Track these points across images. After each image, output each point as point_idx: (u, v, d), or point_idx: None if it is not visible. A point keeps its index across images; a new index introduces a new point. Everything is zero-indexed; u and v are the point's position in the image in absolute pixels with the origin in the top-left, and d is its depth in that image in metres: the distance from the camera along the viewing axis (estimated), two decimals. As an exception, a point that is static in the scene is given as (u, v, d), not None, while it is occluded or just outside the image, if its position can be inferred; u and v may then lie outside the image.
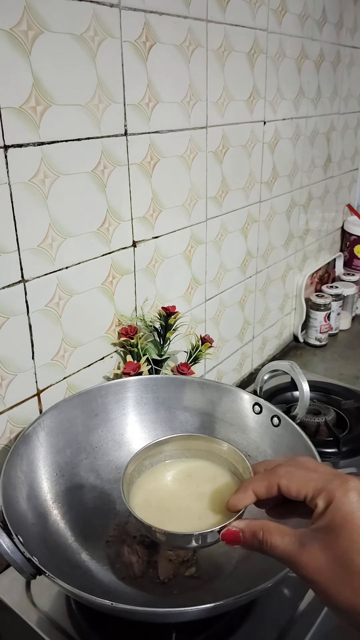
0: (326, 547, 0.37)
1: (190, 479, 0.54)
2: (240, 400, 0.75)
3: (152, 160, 0.81)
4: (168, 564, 0.63)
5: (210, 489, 0.52)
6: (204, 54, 0.86)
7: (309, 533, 0.39)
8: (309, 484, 0.41)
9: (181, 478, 0.54)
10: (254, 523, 0.42)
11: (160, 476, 0.55)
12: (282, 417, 0.71)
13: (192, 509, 0.50)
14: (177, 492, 0.53)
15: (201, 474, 0.54)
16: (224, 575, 0.62)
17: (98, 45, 0.68)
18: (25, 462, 0.63)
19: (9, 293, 0.65)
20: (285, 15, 1.06)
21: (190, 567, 0.63)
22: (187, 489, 0.53)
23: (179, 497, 0.52)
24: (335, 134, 1.44)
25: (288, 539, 0.39)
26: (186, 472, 0.55)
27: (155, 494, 0.52)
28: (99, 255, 0.76)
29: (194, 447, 0.56)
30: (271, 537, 0.40)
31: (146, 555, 0.64)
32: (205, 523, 0.48)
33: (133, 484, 0.53)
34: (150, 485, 0.53)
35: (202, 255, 1.00)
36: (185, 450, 0.56)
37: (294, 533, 0.40)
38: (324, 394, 1.08)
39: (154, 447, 0.55)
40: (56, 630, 0.60)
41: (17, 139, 0.61)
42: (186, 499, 0.51)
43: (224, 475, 0.53)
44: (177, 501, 0.51)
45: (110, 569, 0.62)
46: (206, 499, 0.50)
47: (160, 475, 0.55)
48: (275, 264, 1.29)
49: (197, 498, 0.51)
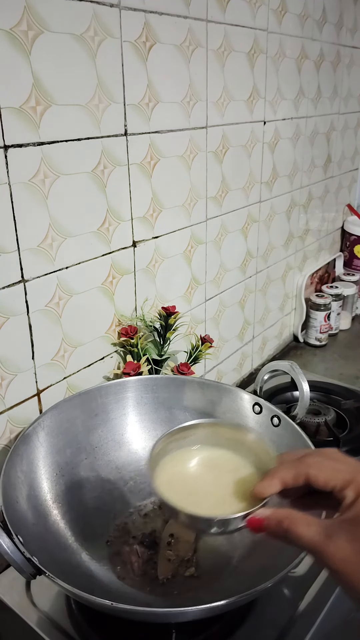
0: (353, 539, 0.37)
1: (214, 466, 0.54)
2: (240, 400, 0.75)
3: (152, 160, 0.81)
4: (168, 564, 0.63)
5: (233, 477, 0.52)
6: (204, 54, 0.86)
7: (336, 524, 0.39)
8: (337, 474, 0.41)
9: (205, 464, 0.54)
10: (280, 512, 0.42)
11: (184, 461, 0.54)
12: (282, 417, 0.71)
13: (216, 495, 0.50)
14: (201, 477, 0.53)
15: (225, 463, 0.54)
16: (224, 575, 0.62)
17: (98, 45, 0.68)
18: (25, 462, 0.63)
19: (9, 293, 0.65)
20: (285, 15, 1.06)
21: (190, 567, 0.63)
22: (211, 475, 0.53)
23: (203, 483, 0.52)
24: (335, 134, 1.44)
25: (314, 529, 0.39)
26: (210, 460, 0.55)
27: (179, 478, 0.52)
28: (99, 255, 0.76)
29: (219, 435, 0.56)
30: (297, 527, 0.40)
31: (146, 555, 0.64)
32: (229, 510, 0.47)
33: (156, 467, 0.52)
34: (174, 469, 0.53)
35: (202, 255, 1.00)
36: (209, 438, 0.56)
37: (320, 523, 0.40)
38: (324, 394, 1.08)
39: (178, 432, 0.55)
40: (56, 630, 0.60)
41: (17, 139, 0.61)
42: (210, 485, 0.51)
43: (247, 466, 0.53)
44: (201, 486, 0.51)
45: (110, 569, 0.63)
46: (230, 487, 0.50)
47: (185, 460, 0.55)
48: (275, 264, 1.29)
49: (221, 485, 0.51)
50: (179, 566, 0.63)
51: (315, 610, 0.62)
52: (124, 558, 0.64)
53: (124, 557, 0.64)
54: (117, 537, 0.67)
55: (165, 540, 0.66)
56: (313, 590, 0.64)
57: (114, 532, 0.67)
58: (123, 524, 0.68)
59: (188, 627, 0.58)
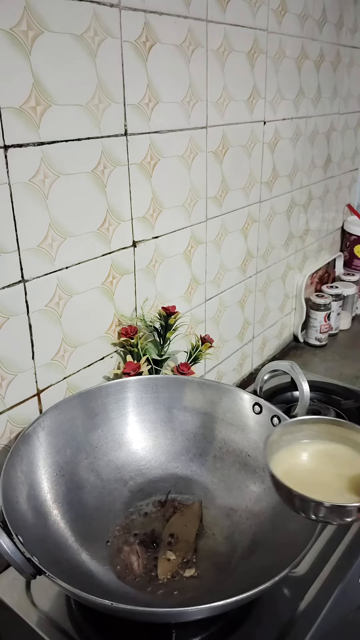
0: None
1: (329, 459, 0.55)
2: (240, 400, 0.75)
3: (152, 160, 0.81)
4: (168, 564, 0.63)
5: (349, 471, 0.52)
6: (204, 54, 0.86)
7: None
8: None
9: (320, 457, 0.55)
10: None
11: (299, 453, 0.56)
12: (282, 417, 0.70)
13: (332, 486, 0.51)
14: (317, 469, 0.54)
15: (340, 457, 0.55)
16: (224, 575, 0.62)
17: (98, 45, 0.68)
18: (25, 462, 0.63)
19: (9, 293, 0.65)
20: (285, 15, 1.06)
21: (190, 567, 0.63)
22: (326, 467, 0.54)
23: (319, 474, 0.53)
24: (335, 134, 1.44)
25: None
26: (325, 453, 0.56)
27: (295, 469, 0.53)
28: (99, 255, 0.76)
29: (332, 432, 0.57)
30: None
31: (146, 555, 0.64)
32: (346, 500, 0.48)
33: (272, 457, 0.54)
34: (290, 460, 0.54)
35: (202, 255, 1.00)
36: (322, 433, 0.57)
37: None
38: (324, 394, 1.08)
39: (294, 425, 0.56)
40: (56, 630, 0.60)
41: (17, 139, 0.61)
42: (326, 476, 0.52)
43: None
44: (318, 477, 0.52)
45: (110, 569, 0.62)
46: (346, 479, 0.51)
47: (300, 452, 0.56)
48: (275, 264, 1.29)
49: (336, 477, 0.52)
50: (179, 566, 0.63)
51: (315, 610, 0.62)
52: (124, 558, 0.64)
53: (124, 557, 0.64)
54: (117, 537, 0.67)
55: (165, 540, 0.66)
56: (313, 590, 0.64)
57: (114, 532, 0.67)
58: (123, 524, 0.68)
59: (188, 627, 0.58)
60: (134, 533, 0.67)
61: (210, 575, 0.63)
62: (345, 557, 0.69)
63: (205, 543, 0.67)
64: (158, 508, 0.71)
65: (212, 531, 0.68)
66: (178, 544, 0.66)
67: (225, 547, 0.66)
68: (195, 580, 0.62)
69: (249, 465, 0.72)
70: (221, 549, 0.66)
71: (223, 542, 0.67)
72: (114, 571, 0.62)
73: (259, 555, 0.63)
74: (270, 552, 0.61)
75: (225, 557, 0.65)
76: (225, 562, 0.64)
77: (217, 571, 0.63)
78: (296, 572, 0.66)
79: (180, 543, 0.66)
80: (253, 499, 0.70)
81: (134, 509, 0.71)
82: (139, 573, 0.62)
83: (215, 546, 0.67)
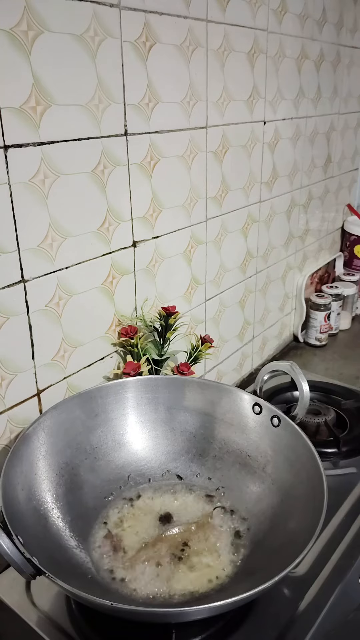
0: None
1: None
2: (240, 401, 0.75)
3: (152, 160, 0.81)
4: (167, 563, 0.63)
5: None
6: (204, 54, 0.86)
7: None
8: None
9: None
10: None
11: None
12: (282, 417, 0.70)
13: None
14: None
15: None
16: (224, 575, 0.62)
17: (98, 45, 0.68)
18: (25, 462, 0.63)
19: (9, 293, 0.65)
20: (285, 15, 1.06)
21: (190, 566, 0.63)
22: None
23: None
24: (335, 134, 1.44)
25: None
26: None
27: None
28: (99, 255, 0.76)
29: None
30: None
31: (146, 554, 0.64)
32: None
33: None
34: None
35: (202, 255, 1.00)
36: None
37: None
38: (324, 394, 1.08)
39: None
40: (56, 630, 0.60)
41: (17, 139, 0.61)
42: None
43: None
44: None
45: (110, 569, 0.62)
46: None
47: None
48: (275, 264, 1.29)
49: None
50: (179, 566, 0.63)
51: (315, 610, 0.62)
52: (124, 558, 0.64)
53: (124, 556, 0.64)
54: (117, 537, 0.66)
55: (166, 540, 0.66)
56: (313, 590, 0.64)
57: (114, 532, 0.67)
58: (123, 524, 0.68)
59: (188, 627, 0.58)
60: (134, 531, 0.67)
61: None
62: (345, 557, 0.69)
63: (205, 543, 0.67)
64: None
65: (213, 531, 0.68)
66: (178, 543, 0.65)
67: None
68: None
69: (249, 465, 0.72)
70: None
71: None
72: (114, 571, 0.62)
73: (259, 555, 0.63)
74: (270, 552, 0.61)
75: (225, 557, 0.65)
76: (226, 562, 0.64)
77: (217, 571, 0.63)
78: (296, 572, 0.66)
79: (179, 542, 0.65)
80: (253, 499, 0.70)
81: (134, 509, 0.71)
82: (139, 572, 0.62)
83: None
